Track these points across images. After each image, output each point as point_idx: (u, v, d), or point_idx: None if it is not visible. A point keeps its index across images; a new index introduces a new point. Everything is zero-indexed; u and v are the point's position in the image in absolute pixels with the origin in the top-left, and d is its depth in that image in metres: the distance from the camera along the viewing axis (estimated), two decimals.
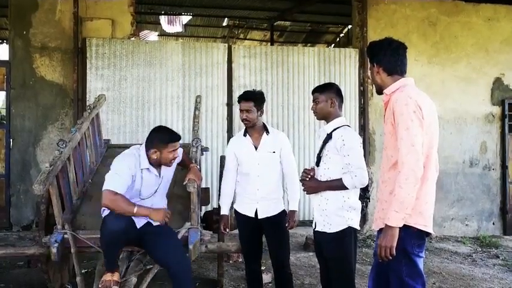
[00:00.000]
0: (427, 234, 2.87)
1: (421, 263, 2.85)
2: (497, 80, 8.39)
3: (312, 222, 3.63)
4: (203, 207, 5.59)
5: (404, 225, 2.73)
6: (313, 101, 3.63)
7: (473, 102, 8.31)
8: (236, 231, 5.25)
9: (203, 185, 6.10)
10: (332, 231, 3.38)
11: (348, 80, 7.93)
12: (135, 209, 3.50)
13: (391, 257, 2.71)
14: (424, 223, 2.81)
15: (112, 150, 5.22)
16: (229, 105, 7.51)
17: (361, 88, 7.90)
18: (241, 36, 13.57)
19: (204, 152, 6.04)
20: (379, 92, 3.05)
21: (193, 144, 4.40)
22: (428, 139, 2.77)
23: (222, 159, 5.36)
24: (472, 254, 7.11)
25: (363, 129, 7.85)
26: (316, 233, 3.52)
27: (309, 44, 13.49)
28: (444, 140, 8.08)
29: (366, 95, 7.89)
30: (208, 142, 7.35)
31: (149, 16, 11.83)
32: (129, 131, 7.20)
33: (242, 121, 4.05)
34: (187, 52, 7.44)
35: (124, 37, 7.41)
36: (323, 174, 3.43)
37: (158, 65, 7.33)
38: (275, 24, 12.05)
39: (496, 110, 8.45)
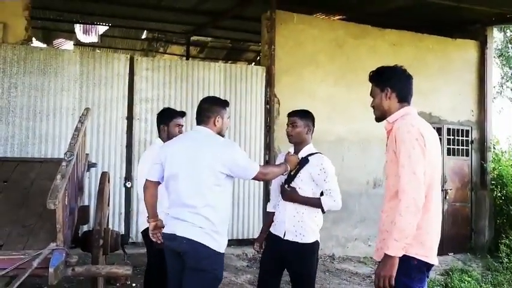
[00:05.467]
0: (429, 267, 2.82)
1: None
2: None
3: None
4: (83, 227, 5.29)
5: (406, 259, 2.68)
6: (291, 124, 3.81)
7: (376, 124, 8.21)
8: (119, 252, 4.98)
9: (85, 202, 5.76)
10: (304, 242, 3.70)
11: (254, 98, 7.79)
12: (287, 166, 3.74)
13: (389, 287, 2.65)
14: (425, 253, 2.76)
15: None
16: (130, 119, 7.14)
17: (267, 106, 7.75)
18: (161, 50, 13.33)
19: (91, 168, 5.73)
20: (380, 118, 3.02)
21: (65, 158, 4.04)
22: (431, 168, 2.75)
23: (103, 175, 5.05)
24: (371, 275, 7.14)
25: (268, 148, 7.70)
26: (284, 242, 3.73)
27: (229, 62, 13.42)
28: (349, 161, 8.14)
29: (272, 113, 7.70)
30: (106, 157, 6.98)
31: (63, 24, 11.35)
32: (18, 142, 6.67)
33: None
34: (86, 62, 7.01)
35: (17, 42, 6.95)
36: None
37: (53, 74, 6.85)
38: (195, 39, 11.92)
39: None
